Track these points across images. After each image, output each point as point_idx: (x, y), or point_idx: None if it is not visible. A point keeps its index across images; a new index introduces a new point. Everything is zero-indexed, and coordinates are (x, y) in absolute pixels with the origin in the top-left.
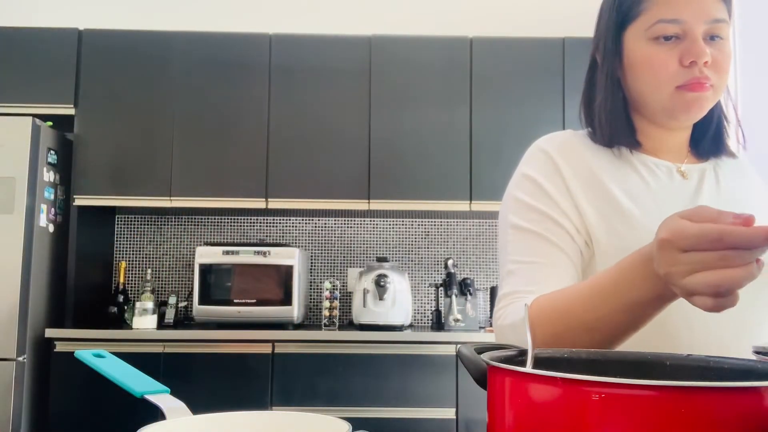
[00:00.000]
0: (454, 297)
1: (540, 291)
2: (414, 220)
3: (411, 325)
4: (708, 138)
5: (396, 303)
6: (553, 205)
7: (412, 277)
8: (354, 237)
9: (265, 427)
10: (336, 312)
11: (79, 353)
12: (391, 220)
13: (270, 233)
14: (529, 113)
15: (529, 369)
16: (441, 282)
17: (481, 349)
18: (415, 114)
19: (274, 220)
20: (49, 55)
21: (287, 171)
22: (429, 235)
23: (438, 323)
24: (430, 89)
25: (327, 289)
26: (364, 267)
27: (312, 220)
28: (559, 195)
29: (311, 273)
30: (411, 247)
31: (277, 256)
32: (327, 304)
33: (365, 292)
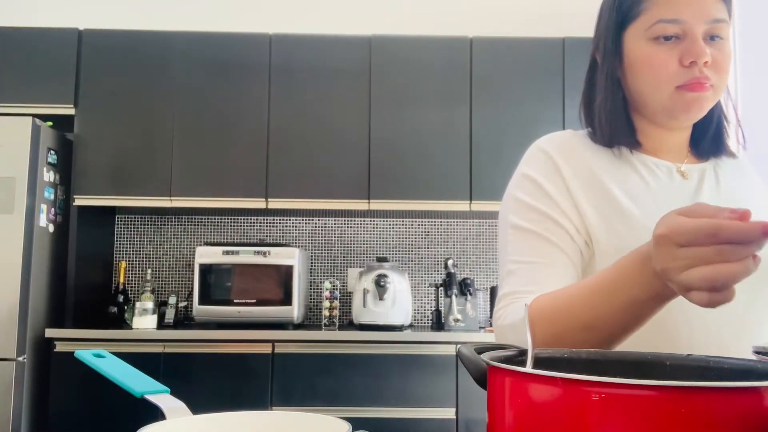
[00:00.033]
0: (454, 297)
1: (540, 291)
2: (414, 220)
3: (411, 325)
4: (708, 138)
5: (396, 303)
6: (553, 205)
7: (412, 277)
8: (354, 237)
9: (265, 427)
10: (336, 312)
11: (79, 353)
12: (391, 220)
13: (270, 233)
14: (529, 113)
15: (529, 369)
16: (441, 282)
17: (481, 349)
18: (415, 114)
19: (274, 220)
20: (49, 55)
21: (287, 171)
22: (429, 235)
23: (438, 323)
24: (430, 89)
25: (327, 289)
26: (364, 267)
27: (312, 220)
28: (559, 195)
29: (311, 273)
30: (411, 247)
31: (277, 256)
32: (327, 304)
33: (365, 292)
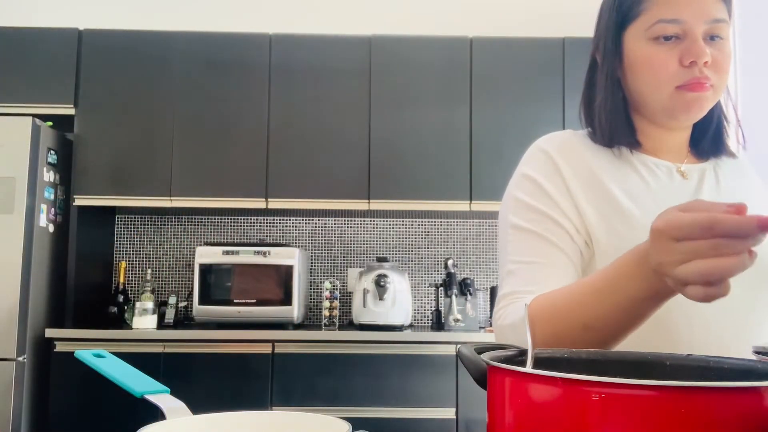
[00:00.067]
0: (454, 297)
1: (540, 291)
2: (414, 220)
3: (411, 325)
4: (708, 138)
5: (396, 303)
6: (553, 205)
7: (412, 277)
8: (354, 237)
9: (265, 427)
10: (336, 312)
11: (79, 353)
12: (391, 220)
13: (270, 233)
14: (529, 113)
15: (529, 369)
16: (441, 282)
17: (481, 349)
18: (415, 114)
19: (274, 220)
20: (49, 55)
21: (287, 171)
22: (429, 235)
23: (438, 323)
24: (430, 89)
25: (327, 289)
26: (364, 267)
27: (312, 220)
28: (559, 195)
29: (311, 273)
30: (411, 247)
31: (277, 256)
32: (327, 304)
33: (365, 292)
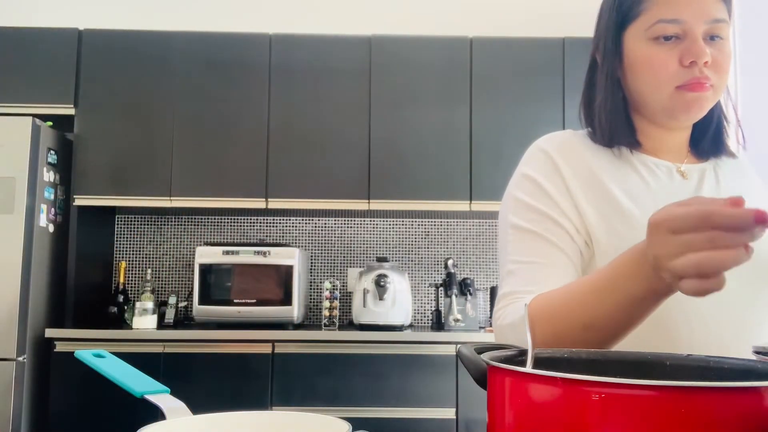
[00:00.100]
0: (454, 297)
1: (539, 291)
2: (414, 220)
3: (411, 325)
4: (708, 138)
5: (396, 303)
6: (553, 205)
7: (412, 277)
8: (354, 237)
9: (265, 427)
10: (336, 312)
11: (79, 353)
12: (391, 220)
13: (270, 233)
14: (529, 113)
15: (529, 369)
16: (441, 282)
17: (481, 349)
18: (415, 114)
19: (274, 220)
20: (49, 55)
21: (287, 171)
22: (429, 235)
23: (438, 323)
24: (430, 89)
25: (327, 289)
26: (364, 267)
27: (312, 220)
28: (559, 195)
29: (311, 273)
30: (411, 247)
31: (277, 256)
32: (327, 304)
33: (365, 292)
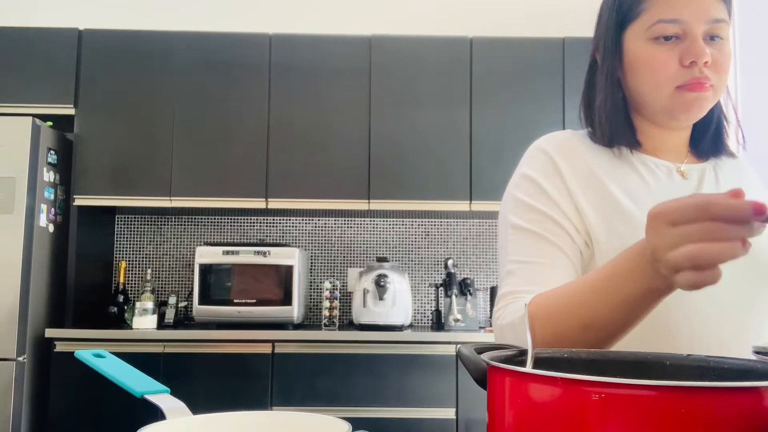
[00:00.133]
0: (454, 297)
1: (539, 291)
2: (414, 220)
3: (411, 325)
4: (708, 138)
5: (396, 303)
6: (553, 205)
7: (412, 277)
8: (354, 237)
9: (265, 427)
10: (336, 312)
11: (79, 353)
12: (391, 220)
13: (270, 233)
14: (529, 113)
15: (529, 369)
16: (441, 282)
17: (481, 349)
18: (415, 114)
19: (274, 220)
20: (49, 55)
21: (287, 171)
22: (429, 235)
23: (438, 323)
24: (430, 89)
25: (327, 289)
26: (364, 267)
27: (312, 220)
28: (559, 195)
29: (311, 273)
30: (411, 247)
31: (277, 256)
32: (327, 304)
33: (365, 292)
